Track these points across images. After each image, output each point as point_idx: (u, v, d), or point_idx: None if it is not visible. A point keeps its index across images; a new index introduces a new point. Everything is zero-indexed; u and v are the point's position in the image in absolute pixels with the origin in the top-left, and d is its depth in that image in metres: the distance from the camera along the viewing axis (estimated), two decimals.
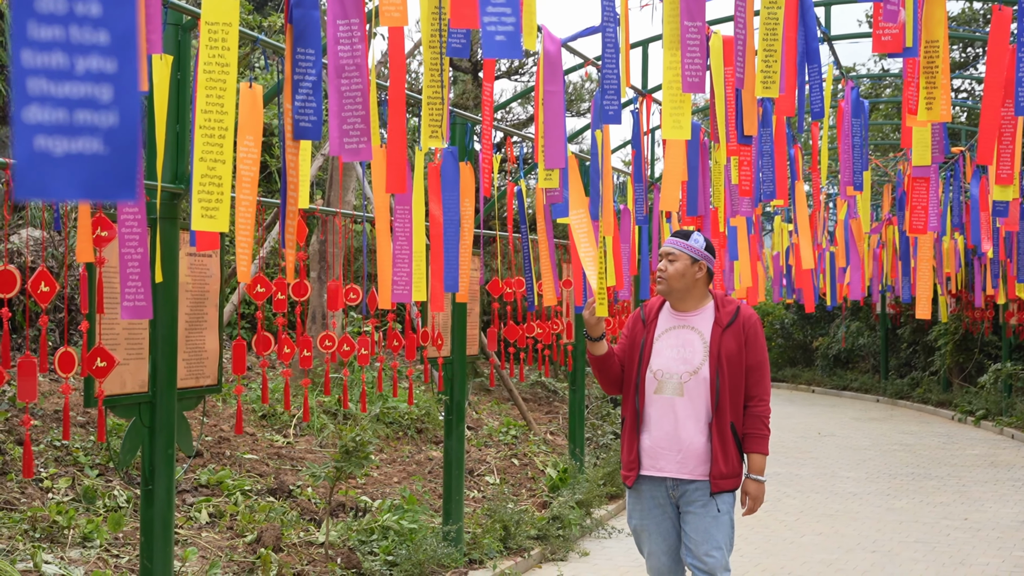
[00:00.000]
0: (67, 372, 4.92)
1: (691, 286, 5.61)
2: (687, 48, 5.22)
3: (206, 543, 8.14)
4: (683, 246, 5.59)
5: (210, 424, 11.64)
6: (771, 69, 5.88)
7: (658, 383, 5.55)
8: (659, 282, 5.61)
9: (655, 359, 5.58)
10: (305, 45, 3.90)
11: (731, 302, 5.68)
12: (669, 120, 5.56)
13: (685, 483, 5.54)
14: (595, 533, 10.34)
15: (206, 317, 6.00)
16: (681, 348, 5.56)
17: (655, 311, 5.73)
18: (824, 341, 29.37)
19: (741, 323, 5.58)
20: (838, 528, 10.98)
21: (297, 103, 3.88)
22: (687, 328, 5.60)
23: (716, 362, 5.46)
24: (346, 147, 4.20)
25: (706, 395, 5.49)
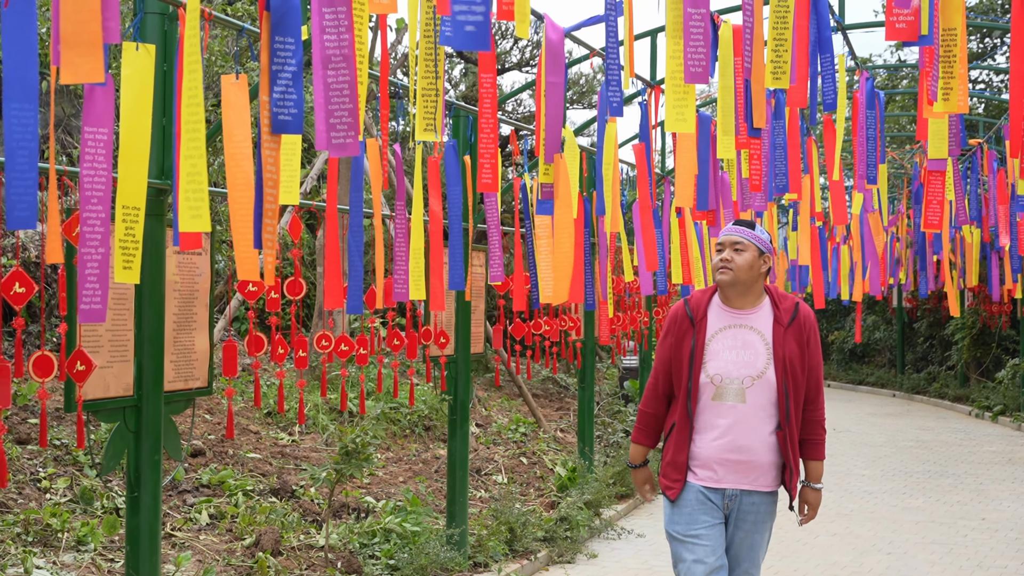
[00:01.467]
0: (44, 377, 4.72)
1: (755, 280, 5.18)
2: (690, 37, 4.99)
3: (204, 546, 7.95)
4: (751, 236, 5.17)
5: (214, 422, 11.45)
6: (781, 59, 5.65)
7: (716, 389, 5.10)
8: (723, 272, 5.14)
9: (711, 362, 5.13)
10: (284, 33, 3.68)
11: (788, 298, 5.25)
12: (673, 112, 5.34)
13: (746, 495, 5.12)
14: (604, 534, 10.12)
15: (195, 317, 5.80)
16: (741, 350, 5.12)
17: (703, 307, 5.24)
18: (840, 335, 29.10)
19: (801, 322, 5.18)
20: (853, 529, 10.74)
21: (276, 95, 3.67)
22: (745, 328, 5.16)
23: (782, 365, 5.06)
24: (333, 142, 3.99)
25: (772, 402, 5.08)
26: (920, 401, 24.14)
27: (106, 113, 3.81)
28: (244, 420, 11.75)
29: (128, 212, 4.10)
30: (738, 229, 5.21)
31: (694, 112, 5.38)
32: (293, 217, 6.22)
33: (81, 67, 3.00)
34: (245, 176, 4.06)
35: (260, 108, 3.69)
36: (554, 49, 5.98)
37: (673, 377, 5.24)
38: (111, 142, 3.86)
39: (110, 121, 3.81)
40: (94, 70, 3.01)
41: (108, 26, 3.08)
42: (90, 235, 3.98)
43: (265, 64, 3.68)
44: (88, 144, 3.86)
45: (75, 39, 2.98)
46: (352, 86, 3.96)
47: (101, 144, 3.82)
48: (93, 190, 3.95)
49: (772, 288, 5.28)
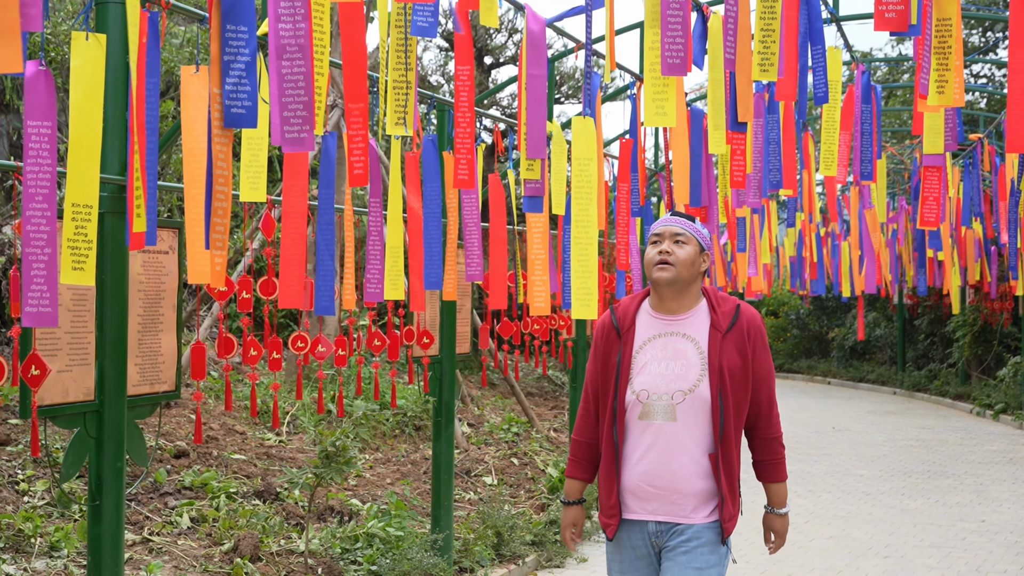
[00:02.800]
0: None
1: (694, 280, 4.52)
2: (667, 26, 4.77)
3: (182, 552, 7.75)
4: (693, 228, 4.54)
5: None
6: (769, 51, 5.44)
7: (643, 407, 4.41)
8: (662, 269, 4.45)
9: (638, 377, 4.44)
10: (236, 22, 3.48)
11: (728, 300, 4.56)
12: (652, 106, 5.12)
13: (676, 528, 4.43)
14: (595, 537, 9.92)
15: (162, 318, 5.59)
16: (671, 361, 4.43)
17: (631, 315, 4.58)
18: (840, 332, 28.86)
19: (744, 326, 4.48)
20: (849, 531, 10.54)
21: (228, 87, 3.47)
22: (677, 335, 4.48)
23: (718, 377, 4.37)
24: (287, 136, 3.79)
25: (707, 419, 4.38)
26: (921, 399, 23.92)
27: (49, 106, 3.60)
28: (231, 420, 11.56)
29: (78, 210, 3.90)
30: (678, 220, 4.57)
31: (675, 105, 5.15)
32: (266, 214, 6.01)
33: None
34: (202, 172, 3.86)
35: (210, 101, 3.48)
36: (535, 40, 5.77)
37: (600, 397, 4.61)
38: (55, 137, 3.65)
39: (53, 114, 3.60)
40: (13, 59, 2.80)
41: (27, 12, 2.87)
42: (35, 234, 3.77)
43: (216, 54, 3.48)
44: (32, 139, 3.65)
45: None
46: (308, 77, 3.76)
47: (45, 139, 3.61)
48: (37, 187, 3.75)
49: (710, 289, 4.62)
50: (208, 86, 3.48)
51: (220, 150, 3.59)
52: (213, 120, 3.52)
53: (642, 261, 9.19)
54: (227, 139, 3.61)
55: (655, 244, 4.56)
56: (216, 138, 3.56)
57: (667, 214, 4.64)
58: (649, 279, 4.52)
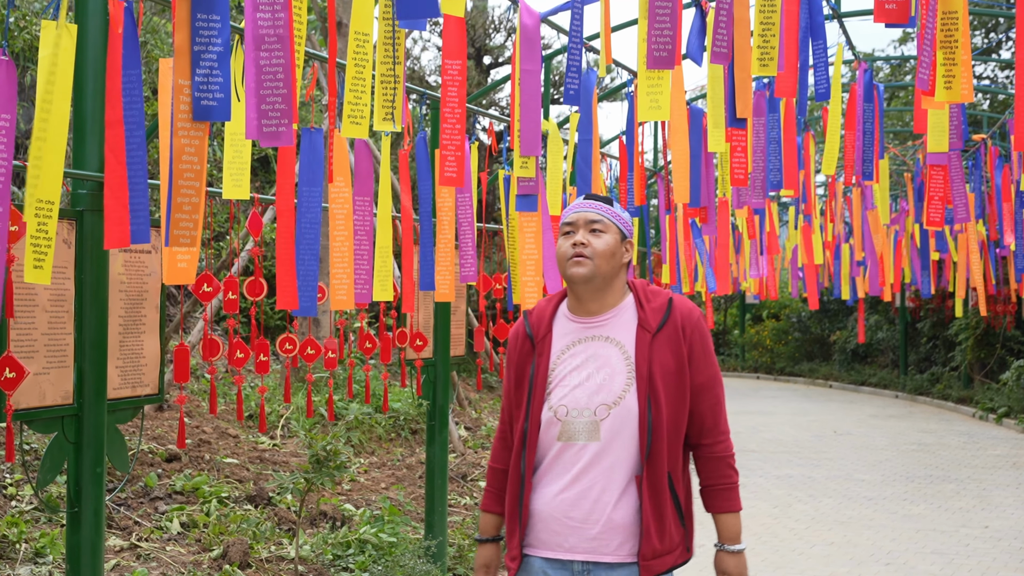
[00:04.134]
0: None
1: (616, 273, 3.88)
2: (655, 17, 4.60)
3: (170, 558, 7.59)
4: (611, 214, 3.90)
5: (192, 425, 11.11)
6: (768, 44, 5.28)
7: (562, 425, 3.78)
8: (578, 263, 3.80)
9: (556, 391, 3.82)
10: (208, 11, 3.33)
11: (659, 294, 3.90)
12: (645, 100, 4.96)
13: (600, 568, 3.80)
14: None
15: (144, 319, 5.44)
16: (594, 370, 3.81)
17: (546, 321, 3.95)
18: (842, 335, 28.69)
19: (678, 323, 3.83)
20: (851, 537, 10.37)
21: (198, 78, 3.31)
22: (599, 339, 3.85)
23: (647, 385, 3.73)
24: (264, 130, 3.63)
25: (633, 437, 3.74)
26: (923, 403, 23.74)
27: (9, 97, 3.43)
28: (224, 423, 11.41)
29: (42, 207, 3.74)
30: (594, 205, 3.91)
31: (668, 99, 4.99)
32: (253, 213, 5.86)
33: None
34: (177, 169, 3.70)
35: (175, 93, 3.32)
36: (529, 35, 5.62)
37: (513, 416, 3.99)
38: (13, 130, 3.49)
39: (13, 106, 3.43)
40: None
41: None
42: None
43: (183, 44, 3.32)
44: None
45: None
46: (287, 69, 3.60)
47: (2, 132, 3.45)
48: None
49: (638, 283, 3.97)
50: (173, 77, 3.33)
51: (187, 143, 3.42)
52: (179, 113, 3.35)
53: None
54: (198, 133, 3.44)
55: (568, 235, 3.90)
56: (182, 132, 3.39)
57: (579, 198, 3.97)
58: (563, 277, 3.90)
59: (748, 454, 15.54)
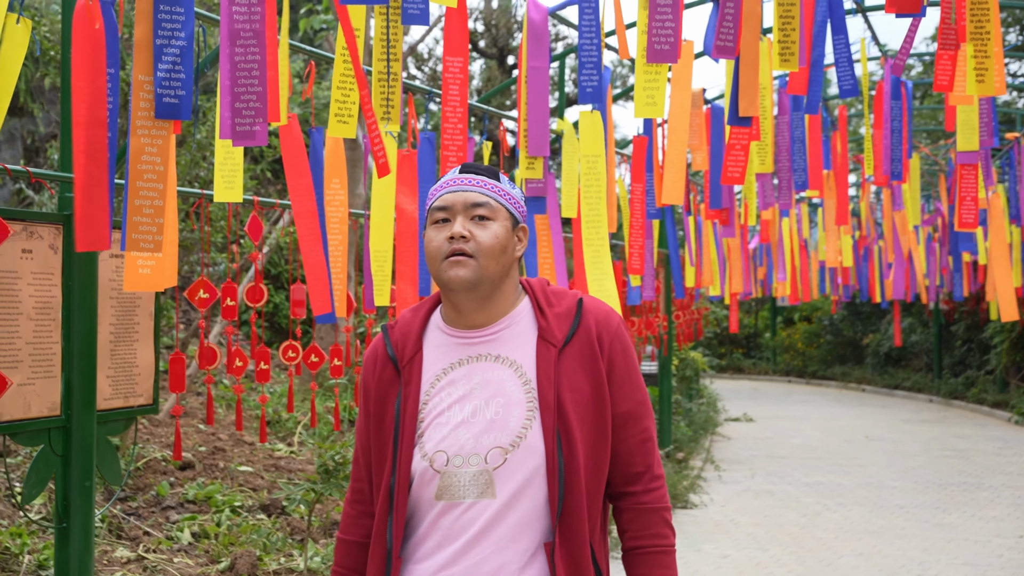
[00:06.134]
0: None
1: (507, 272, 2.91)
2: (656, 9, 4.37)
3: (177, 570, 7.41)
4: (500, 192, 2.91)
5: (208, 433, 10.95)
6: (789, 40, 5.05)
7: (440, 479, 2.76)
8: (457, 264, 2.80)
9: (431, 432, 2.80)
10: (171, 3, 3.13)
11: (563, 295, 2.94)
12: (642, 95, 4.73)
13: None
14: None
15: (137, 327, 5.25)
16: (481, 402, 2.80)
17: (413, 337, 2.93)
18: (875, 338, 28.32)
19: (592, 332, 2.86)
20: (881, 548, 10.10)
21: (160, 74, 3.11)
22: (487, 359, 2.86)
23: (555, 417, 2.75)
24: (237, 129, 3.43)
25: (540, 489, 2.75)
26: (958, 407, 23.38)
27: None
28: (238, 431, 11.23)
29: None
30: (476, 181, 2.90)
31: (664, 95, 4.76)
32: (253, 216, 5.67)
33: None
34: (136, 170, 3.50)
35: (133, 89, 3.12)
36: (537, 31, 5.41)
37: (374, 468, 2.92)
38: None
39: None
40: None
41: None
42: None
43: (143, 37, 3.12)
44: None
45: None
46: (262, 66, 3.40)
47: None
48: None
49: (534, 283, 2.99)
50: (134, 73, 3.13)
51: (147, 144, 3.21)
52: (138, 110, 3.15)
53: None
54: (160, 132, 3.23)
55: (440, 224, 2.88)
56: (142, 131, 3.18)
57: (454, 170, 2.97)
58: (436, 280, 2.88)
59: (777, 460, 15.28)
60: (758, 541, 10.21)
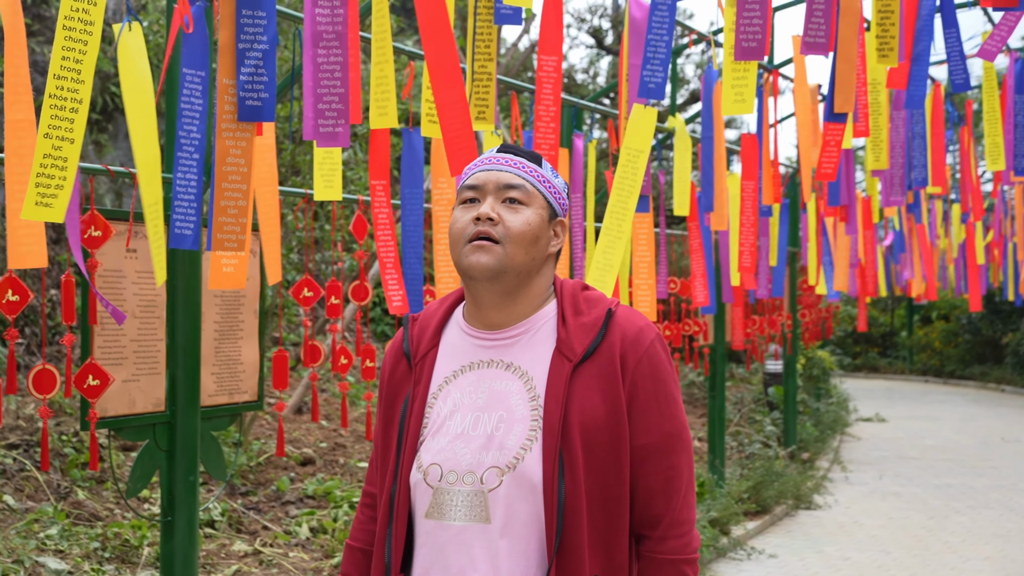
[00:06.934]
0: (44, 393, 4.30)
1: (537, 269, 2.62)
2: (744, 6, 4.31)
3: (292, 564, 7.54)
4: (538, 177, 2.63)
5: (330, 429, 11.12)
6: (888, 35, 4.95)
7: (433, 496, 2.51)
8: (480, 249, 2.53)
9: (430, 442, 2.56)
10: (254, 7, 3.19)
11: (596, 303, 2.62)
12: (731, 93, 4.67)
13: None
14: (732, 554, 9.45)
15: (242, 325, 5.35)
16: (483, 413, 2.54)
17: (430, 332, 2.69)
18: (1014, 337, 27.59)
19: (616, 349, 2.53)
20: (1008, 552, 9.84)
21: (243, 77, 3.18)
22: (497, 366, 2.59)
23: (557, 442, 2.46)
24: (320, 130, 3.49)
25: (536, 519, 2.47)
26: None
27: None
28: (360, 426, 11.40)
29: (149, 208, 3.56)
30: (513, 161, 2.63)
31: (753, 92, 4.70)
32: (358, 215, 5.74)
33: None
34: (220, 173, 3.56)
35: (219, 92, 3.19)
36: (637, 28, 5.38)
37: (379, 472, 2.71)
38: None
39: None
40: None
41: None
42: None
43: (227, 42, 3.19)
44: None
45: None
46: (344, 68, 3.45)
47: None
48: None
49: (568, 287, 2.67)
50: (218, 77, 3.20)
51: (232, 146, 3.27)
52: (223, 113, 3.22)
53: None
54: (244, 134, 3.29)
55: (468, 204, 2.62)
56: (227, 133, 3.25)
57: (491, 150, 2.71)
58: (456, 266, 2.61)
59: (907, 461, 14.99)
60: (882, 543, 10.03)
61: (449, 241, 2.62)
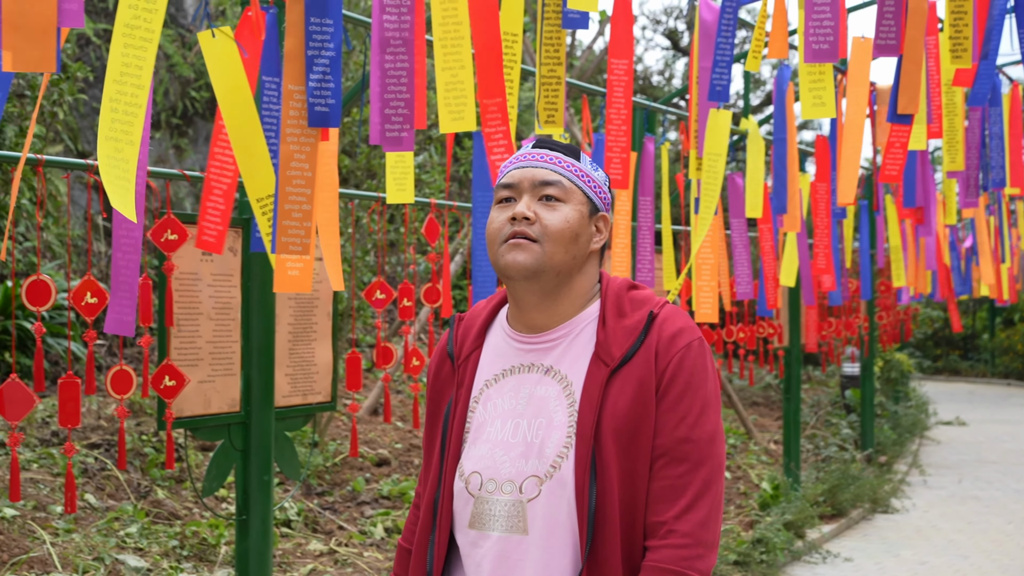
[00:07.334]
0: (122, 393, 4.40)
1: (579, 267, 2.52)
2: (813, 7, 4.31)
3: (366, 563, 7.62)
4: (577, 172, 2.52)
5: (405, 430, 11.20)
6: (961, 35, 4.91)
7: (474, 504, 2.44)
8: (517, 248, 2.43)
9: (472, 448, 2.49)
10: (322, 14, 3.24)
11: (642, 303, 2.50)
12: (808, 96, 4.66)
13: None
14: (806, 558, 9.39)
15: (315, 327, 5.43)
16: (524, 420, 2.45)
17: (475, 332, 2.61)
18: None
19: (652, 351, 2.41)
20: None
21: (312, 83, 3.24)
22: (537, 371, 2.49)
23: (589, 449, 2.36)
24: (387, 135, 3.54)
25: (572, 528, 2.38)
26: None
27: None
28: None
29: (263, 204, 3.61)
30: (550, 156, 2.52)
31: (832, 95, 4.69)
32: (429, 218, 5.80)
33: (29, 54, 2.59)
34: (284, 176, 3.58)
35: (283, 99, 3.24)
36: (708, 31, 5.39)
37: (424, 475, 2.66)
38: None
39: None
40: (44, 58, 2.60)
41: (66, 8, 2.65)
42: (124, 240, 3.56)
43: (294, 49, 3.24)
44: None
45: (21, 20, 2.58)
46: (411, 74, 3.50)
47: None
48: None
49: (613, 285, 2.55)
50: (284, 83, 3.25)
51: (296, 151, 3.32)
52: (287, 119, 3.27)
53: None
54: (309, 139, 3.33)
55: (505, 204, 2.52)
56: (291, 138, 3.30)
57: (527, 145, 2.60)
58: (494, 266, 2.52)
59: (987, 465, 14.79)
60: (959, 548, 9.92)
61: (486, 241, 2.52)
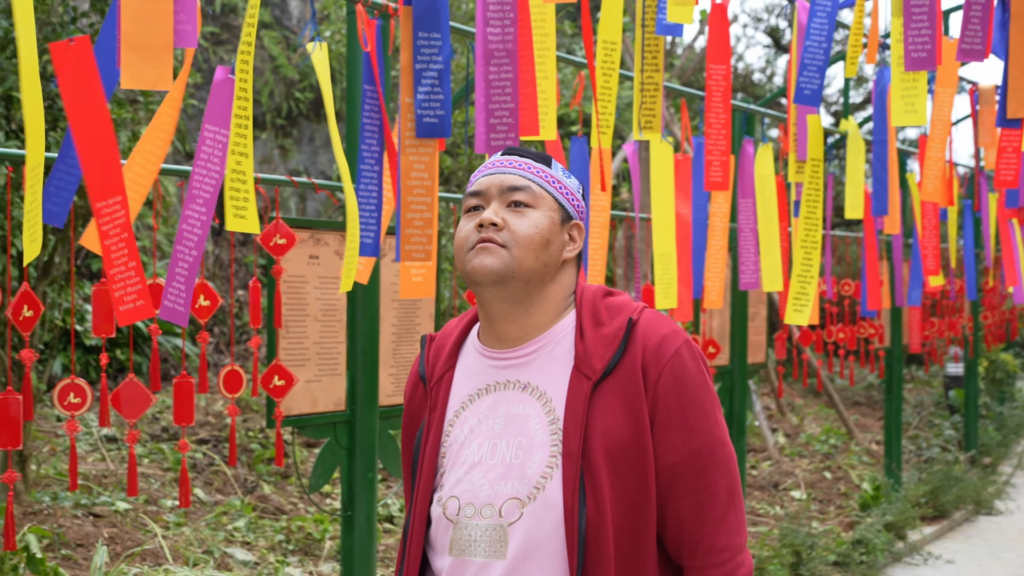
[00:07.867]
0: (233, 392, 4.55)
1: (551, 275, 2.39)
2: (911, 16, 4.31)
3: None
4: (546, 178, 2.41)
5: None
6: None
7: (453, 530, 2.31)
8: (485, 252, 2.31)
9: (450, 472, 2.37)
10: (429, 29, 3.35)
11: (619, 310, 2.37)
12: (900, 103, 4.67)
13: None
14: (907, 559, 9.33)
15: (418, 328, 5.55)
16: (501, 440, 2.33)
17: (447, 351, 2.48)
18: None
19: (638, 362, 2.29)
20: None
21: (420, 96, 3.34)
22: (513, 387, 2.36)
23: (578, 468, 2.24)
24: (492, 143, 3.64)
25: (558, 553, 2.25)
26: None
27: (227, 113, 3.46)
28: None
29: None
30: (518, 163, 2.41)
31: (925, 103, 4.70)
32: None
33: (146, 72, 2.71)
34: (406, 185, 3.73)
35: (401, 110, 3.36)
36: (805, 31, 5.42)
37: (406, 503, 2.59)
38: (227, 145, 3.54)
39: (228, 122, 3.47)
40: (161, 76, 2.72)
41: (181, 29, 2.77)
42: (188, 234, 3.66)
43: (407, 63, 3.36)
44: (206, 143, 3.53)
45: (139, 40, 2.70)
46: (515, 84, 3.59)
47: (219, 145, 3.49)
48: (201, 189, 3.58)
49: (588, 293, 2.42)
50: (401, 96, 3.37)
51: (415, 161, 3.44)
52: (405, 130, 3.39)
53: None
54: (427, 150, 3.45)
55: (472, 213, 2.41)
56: (410, 149, 3.42)
57: (496, 154, 2.52)
58: (463, 276, 2.39)
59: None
60: None
61: (454, 252, 2.41)
